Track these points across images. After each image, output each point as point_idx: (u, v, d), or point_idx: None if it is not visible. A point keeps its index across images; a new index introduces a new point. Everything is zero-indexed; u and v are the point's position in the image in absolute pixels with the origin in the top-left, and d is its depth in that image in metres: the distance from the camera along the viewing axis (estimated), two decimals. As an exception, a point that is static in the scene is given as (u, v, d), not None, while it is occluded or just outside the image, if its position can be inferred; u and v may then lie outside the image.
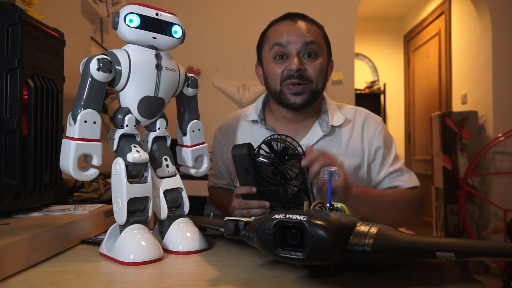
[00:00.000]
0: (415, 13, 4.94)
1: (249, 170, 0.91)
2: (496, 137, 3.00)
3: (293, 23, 1.08)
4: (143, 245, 0.72)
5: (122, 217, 0.73)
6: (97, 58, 0.69)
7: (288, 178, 0.90)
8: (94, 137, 0.70)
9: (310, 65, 1.06)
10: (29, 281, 0.62)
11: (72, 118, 0.70)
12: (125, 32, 0.73)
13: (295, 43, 1.05)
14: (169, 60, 0.78)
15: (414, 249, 0.56)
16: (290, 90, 1.07)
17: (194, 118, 0.86)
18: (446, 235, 3.17)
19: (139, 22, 0.72)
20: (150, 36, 0.74)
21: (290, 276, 0.64)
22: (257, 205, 0.93)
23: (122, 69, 0.72)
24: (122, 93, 0.75)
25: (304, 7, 1.35)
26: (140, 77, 0.74)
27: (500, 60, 3.23)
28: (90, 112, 0.70)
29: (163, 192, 0.80)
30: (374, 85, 5.35)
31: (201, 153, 0.88)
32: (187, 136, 0.86)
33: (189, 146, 0.86)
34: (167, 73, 0.77)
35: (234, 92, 3.41)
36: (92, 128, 0.70)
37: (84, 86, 0.70)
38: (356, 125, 1.14)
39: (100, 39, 2.62)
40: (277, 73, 1.07)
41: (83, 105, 0.69)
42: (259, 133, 1.15)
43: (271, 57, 1.08)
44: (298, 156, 0.88)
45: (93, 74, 0.69)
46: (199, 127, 0.87)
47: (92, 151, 0.70)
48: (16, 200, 0.84)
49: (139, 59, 0.74)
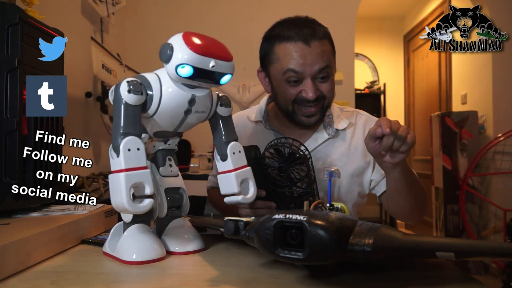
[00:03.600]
0: (415, 13, 4.94)
1: (255, 173, 0.91)
2: (496, 137, 3.00)
3: (307, 48, 1.02)
4: (146, 244, 0.72)
5: (128, 215, 0.73)
6: (126, 81, 0.66)
7: (294, 180, 0.90)
8: (141, 165, 0.65)
9: (323, 86, 1.05)
10: (29, 281, 0.62)
11: (114, 149, 0.65)
12: (172, 74, 0.66)
13: (310, 70, 1.02)
14: (203, 104, 0.72)
15: (414, 249, 0.56)
16: (302, 112, 1.06)
17: (233, 139, 0.80)
18: (446, 235, 3.17)
19: (192, 73, 0.66)
20: (196, 83, 0.69)
21: (290, 276, 0.64)
22: (264, 206, 0.93)
23: (153, 94, 0.68)
24: (150, 119, 0.71)
25: (305, 7, 1.35)
26: (165, 115, 0.70)
27: (500, 60, 3.23)
28: (132, 139, 0.65)
29: (165, 190, 0.80)
30: (374, 85, 5.34)
31: (245, 177, 0.80)
32: (228, 160, 0.78)
33: (232, 170, 0.78)
34: (195, 115, 0.73)
35: (234, 92, 3.41)
36: (137, 155, 0.65)
37: (119, 112, 0.65)
38: (358, 127, 1.15)
39: (100, 39, 2.62)
40: (290, 94, 1.05)
41: (122, 133, 0.65)
42: (262, 133, 1.15)
43: (283, 79, 1.05)
44: (305, 158, 0.88)
45: (124, 98, 0.65)
46: (240, 149, 0.80)
47: (142, 179, 0.65)
48: (16, 200, 0.84)
49: (171, 98, 0.69)
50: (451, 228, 3.18)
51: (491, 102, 3.24)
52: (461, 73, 3.81)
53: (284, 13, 1.15)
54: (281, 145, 0.90)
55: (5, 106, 0.83)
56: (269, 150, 0.92)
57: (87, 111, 2.41)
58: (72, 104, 2.15)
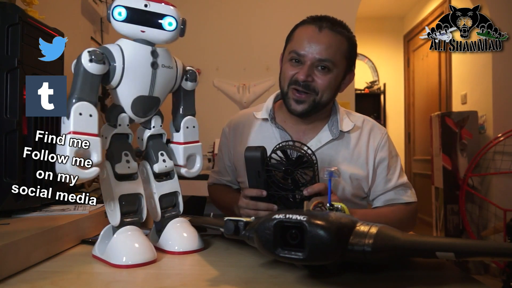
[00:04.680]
0: (415, 13, 4.94)
1: (261, 174, 0.91)
2: (496, 137, 3.00)
3: (317, 33, 1.05)
4: (136, 247, 0.70)
5: (116, 218, 0.71)
6: (87, 51, 0.66)
7: (299, 184, 0.90)
8: (91, 131, 0.64)
9: (320, 77, 1.05)
10: (29, 281, 0.62)
11: (66, 114, 0.65)
12: (114, 25, 0.69)
13: (311, 57, 1.04)
14: (166, 57, 0.73)
15: (414, 249, 0.56)
16: (293, 95, 1.07)
17: (190, 113, 0.82)
18: (446, 235, 3.17)
19: (126, 15, 0.68)
20: (138, 30, 0.69)
21: (290, 276, 0.64)
22: (265, 208, 0.93)
23: (116, 64, 0.69)
24: (116, 90, 0.72)
25: (305, 7, 1.35)
26: (134, 75, 0.70)
27: (500, 60, 3.23)
28: (85, 104, 0.65)
29: (159, 197, 0.79)
30: (374, 85, 5.34)
31: (193, 152, 0.83)
32: (180, 132, 0.81)
33: (181, 143, 0.81)
34: (164, 71, 0.73)
35: (234, 92, 3.40)
36: (88, 121, 0.64)
37: (77, 79, 0.65)
38: (363, 133, 1.15)
39: (100, 39, 2.62)
40: (288, 74, 1.07)
41: (77, 97, 0.65)
42: (268, 131, 1.15)
43: (288, 58, 1.09)
44: (312, 164, 0.88)
45: (85, 67, 0.65)
46: (194, 124, 0.82)
47: (90, 145, 0.64)
48: (16, 200, 0.84)
49: (134, 56, 0.70)
50: (451, 228, 3.18)
51: (491, 102, 3.24)
52: (461, 73, 3.81)
53: (284, 14, 1.16)
54: (288, 147, 0.90)
55: (5, 106, 0.83)
56: (276, 151, 0.91)
57: (87, 111, 2.40)
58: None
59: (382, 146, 1.14)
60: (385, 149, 1.14)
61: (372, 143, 1.13)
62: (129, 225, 0.72)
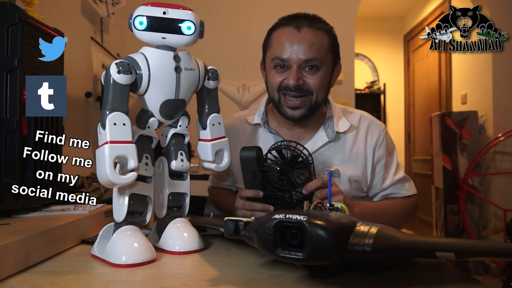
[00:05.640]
0: (415, 13, 4.94)
1: (257, 174, 0.91)
2: (496, 137, 3.00)
3: (297, 33, 1.02)
4: (135, 246, 0.71)
5: (121, 214, 0.73)
6: (115, 63, 0.69)
7: (295, 184, 0.90)
8: (126, 139, 0.68)
9: (310, 78, 1.03)
10: (29, 281, 0.62)
11: (101, 125, 0.68)
12: (136, 35, 0.73)
13: (296, 59, 1.01)
14: (188, 60, 0.76)
15: (414, 249, 0.56)
16: (287, 103, 1.05)
17: (214, 111, 0.84)
18: (446, 235, 3.17)
19: (147, 23, 0.71)
20: (159, 37, 0.73)
21: (290, 276, 0.64)
22: (261, 208, 0.92)
23: (142, 72, 0.72)
24: (144, 97, 0.75)
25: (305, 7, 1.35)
26: (160, 81, 0.73)
27: (500, 60, 3.23)
28: (118, 114, 0.68)
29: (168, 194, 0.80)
30: (374, 85, 5.34)
31: (221, 147, 0.85)
32: (207, 130, 0.83)
33: (209, 140, 0.84)
34: (187, 74, 0.76)
35: (234, 92, 3.41)
36: (122, 130, 0.68)
37: (108, 91, 0.69)
38: (360, 132, 1.13)
39: (100, 39, 2.62)
40: (276, 82, 1.05)
41: (110, 108, 0.68)
42: (262, 136, 1.14)
43: (272, 65, 1.06)
44: (308, 164, 0.88)
45: (114, 78, 0.68)
46: (219, 121, 0.85)
47: (126, 153, 0.68)
48: (16, 200, 0.84)
49: (157, 62, 0.73)
50: (451, 228, 3.18)
51: (491, 102, 3.24)
52: (461, 73, 3.81)
53: (284, 13, 1.15)
54: (284, 147, 0.90)
55: (5, 106, 0.83)
56: (271, 152, 0.91)
57: (87, 111, 2.41)
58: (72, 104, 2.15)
59: (380, 144, 1.13)
60: (382, 146, 1.13)
61: (370, 141, 1.12)
62: (131, 224, 0.74)
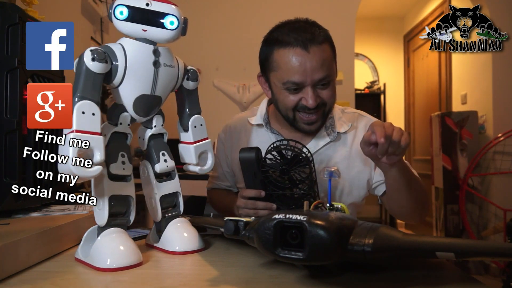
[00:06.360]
0: (415, 13, 4.94)
1: (257, 174, 0.91)
2: (496, 137, 3.00)
3: (306, 54, 0.99)
4: (121, 249, 0.69)
5: (103, 218, 0.70)
6: (90, 49, 0.66)
7: (296, 182, 0.90)
8: (94, 130, 0.64)
9: (324, 92, 1.04)
10: (29, 281, 0.62)
11: None
12: (116, 25, 0.69)
13: (310, 80, 1.00)
14: (168, 56, 0.73)
15: (414, 249, 0.56)
16: (303, 120, 1.05)
17: (196, 112, 0.83)
18: (446, 235, 3.17)
19: (128, 14, 0.68)
20: (139, 29, 0.69)
21: (290, 276, 0.64)
22: (264, 207, 0.93)
23: (118, 64, 0.69)
24: (118, 89, 0.72)
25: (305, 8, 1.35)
26: (136, 74, 0.70)
27: (500, 60, 3.23)
28: (87, 102, 0.64)
29: (160, 198, 0.79)
30: (374, 85, 5.34)
31: (204, 149, 0.83)
32: (189, 132, 0.82)
33: (192, 143, 0.82)
34: (166, 70, 0.73)
35: (234, 92, 3.41)
36: (91, 120, 0.64)
37: (79, 78, 0.65)
38: (359, 130, 1.15)
39: (100, 39, 2.62)
40: (291, 102, 1.04)
41: (79, 96, 0.64)
42: (264, 136, 1.15)
43: (282, 88, 1.04)
44: (308, 161, 0.88)
45: (88, 66, 0.65)
46: (201, 122, 0.83)
47: (93, 145, 0.63)
48: (16, 200, 0.84)
49: (136, 55, 0.70)
50: (451, 228, 3.18)
51: (491, 102, 3.24)
52: (461, 73, 3.81)
53: (284, 14, 1.15)
54: (283, 147, 0.90)
55: (5, 106, 0.83)
56: (271, 152, 0.91)
57: (87, 111, 2.40)
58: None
59: None
60: None
61: None
62: (115, 226, 0.71)
